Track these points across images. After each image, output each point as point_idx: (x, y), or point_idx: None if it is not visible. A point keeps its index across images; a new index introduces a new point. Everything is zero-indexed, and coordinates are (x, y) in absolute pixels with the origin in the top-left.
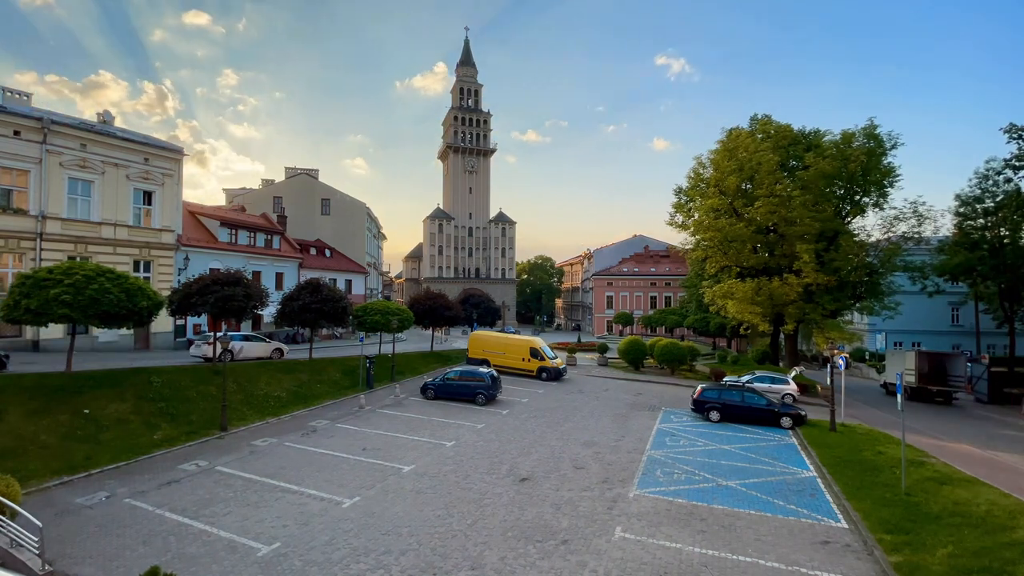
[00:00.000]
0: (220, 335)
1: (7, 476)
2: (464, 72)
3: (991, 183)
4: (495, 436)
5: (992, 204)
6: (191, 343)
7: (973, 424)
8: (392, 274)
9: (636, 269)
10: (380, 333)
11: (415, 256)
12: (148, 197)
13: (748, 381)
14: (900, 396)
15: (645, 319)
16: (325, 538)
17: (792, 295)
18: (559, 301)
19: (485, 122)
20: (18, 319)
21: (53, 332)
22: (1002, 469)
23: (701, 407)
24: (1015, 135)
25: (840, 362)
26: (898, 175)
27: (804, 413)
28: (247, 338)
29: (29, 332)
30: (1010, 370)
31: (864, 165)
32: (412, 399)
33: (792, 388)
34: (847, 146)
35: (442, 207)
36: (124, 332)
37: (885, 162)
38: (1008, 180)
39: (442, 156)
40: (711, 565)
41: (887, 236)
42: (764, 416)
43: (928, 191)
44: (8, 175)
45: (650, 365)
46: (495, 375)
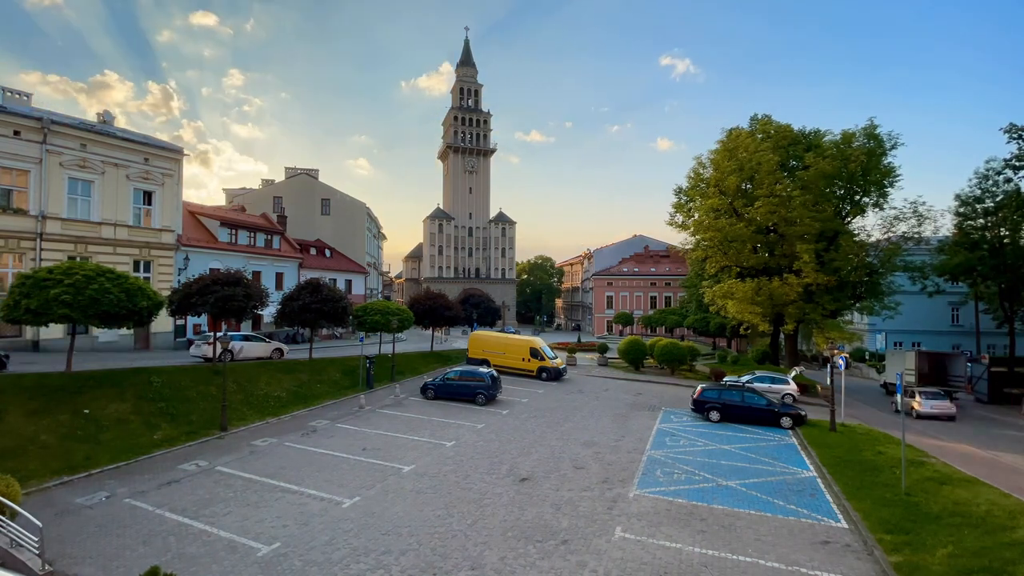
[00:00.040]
0: (220, 335)
1: (7, 476)
2: (464, 72)
3: (991, 183)
4: (495, 436)
5: (992, 204)
6: (191, 343)
7: (973, 424)
8: (392, 274)
9: (636, 269)
10: (380, 333)
11: (415, 256)
12: (148, 197)
13: (748, 381)
14: (900, 396)
15: (645, 319)
16: (325, 538)
17: (792, 295)
18: (559, 301)
19: (485, 122)
20: (18, 319)
21: (53, 332)
22: (1002, 469)
23: (701, 407)
24: (1015, 135)
25: (840, 362)
26: (898, 175)
27: (804, 413)
28: (247, 338)
29: (29, 332)
30: (1010, 370)
31: (864, 165)
32: (412, 399)
33: (792, 388)
34: (847, 146)
35: (442, 207)
36: (124, 332)
37: (885, 162)
38: (1008, 180)
39: (442, 156)
40: (711, 565)
41: (887, 236)
42: (764, 416)
43: (928, 191)
44: (8, 175)
45: (650, 365)
46: (495, 375)
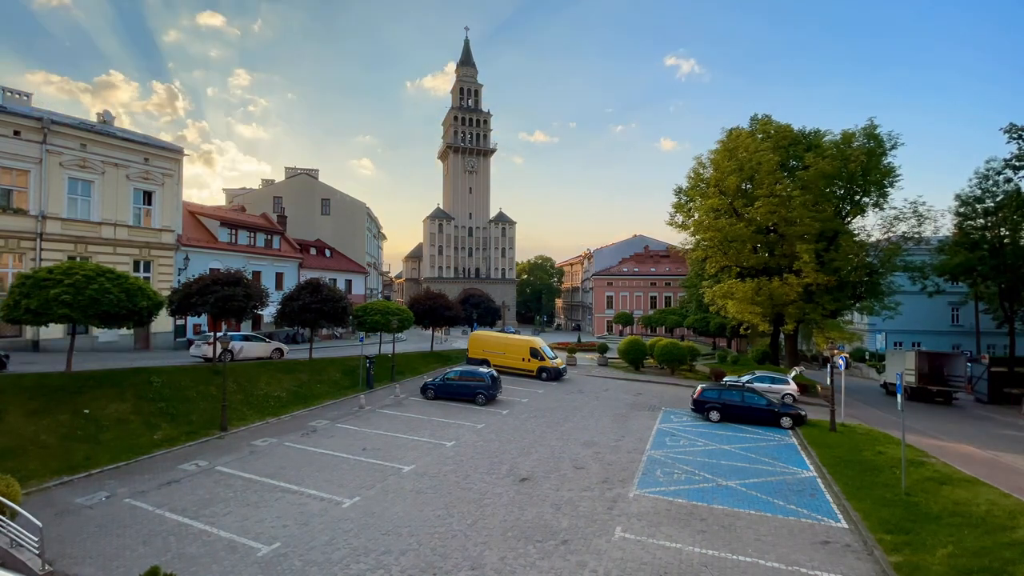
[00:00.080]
0: (220, 335)
1: (7, 476)
2: (464, 72)
3: (991, 183)
4: (495, 436)
5: (992, 204)
6: (191, 343)
7: (973, 424)
8: (392, 274)
9: (636, 269)
10: (380, 333)
11: (415, 256)
12: (148, 197)
13: (748, 381)
14: (900, 396)
15: (645, 319)
16: (325, 538)
17: (792, 295)
18: (559, 301)
19: (485, 122)
20: (18, 319)
21: (53, 332)
22: (1002, 469)
23: (701, 407)
24: (1015, 135)
25: (840, 362)
26: (898, 175)
27: (804, 413)
28: (247, 338)
29: (29, 332)
30: (1010, 370)
31: (864, 165)
32: (412, 399)
33: (792, 388)
34: (847, 146)
35: (442, 207)
36: (124, 332)
37: (885, 162)
38: (1008, 180)
39: (442, 156)
40: (711, 565)
41: (887, 236)
42: (764, 416)
43: (928, 191)
44: (8, 175)
45: (650, 365)
46: (495, 375)
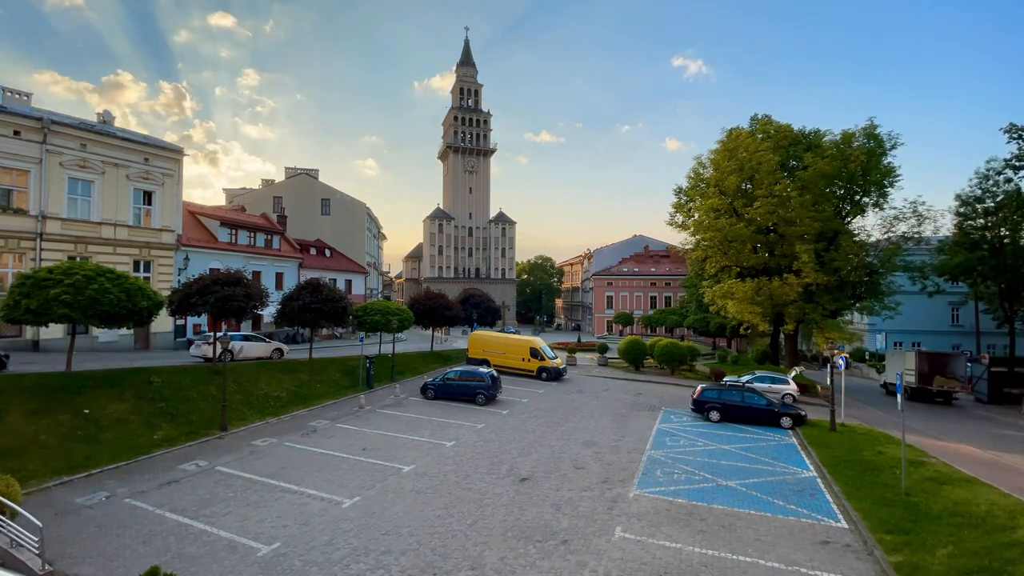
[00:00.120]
0: (220, 335)
1: (7, 476)
2: (464, 72)
3: (991, 183)
4: (495, 436)
5: (992, 204)
6: (191, 343)
7: (973, 424)
8: (392, 274)
9: (636, 269)
10: (380, 333)
11: (415, 256)
12: (148, 197)
13: (748, 381)
14: (900, 396)
15: (645, 319)
16: (325, 538)
17: (792, 295)
18: (559, 301)
19: (485, 122)
20: (18, 319)
21: (53, 332)
22: (1002, 469)
23: (701, 407)
24: (1015, 135)
25: (840, 362)
26: (898, 175)
27: (804, 413)
28: (247, 338)
29: (29, 332)
30: (1010, 370)
31: (864, 165)
32: (412, 399)
33: (792, 388)
34: (847, 146)
35: (442, 207)
36: (124, 332)
37: (885, 162)
38: (1008, 180)
39: (442, 156)
40: (711, 565)
41: (887, 236)
42: (764, 416)
43: (928, 191)
44: (8, 175)
45: (650, 365)
46: (495, 375)
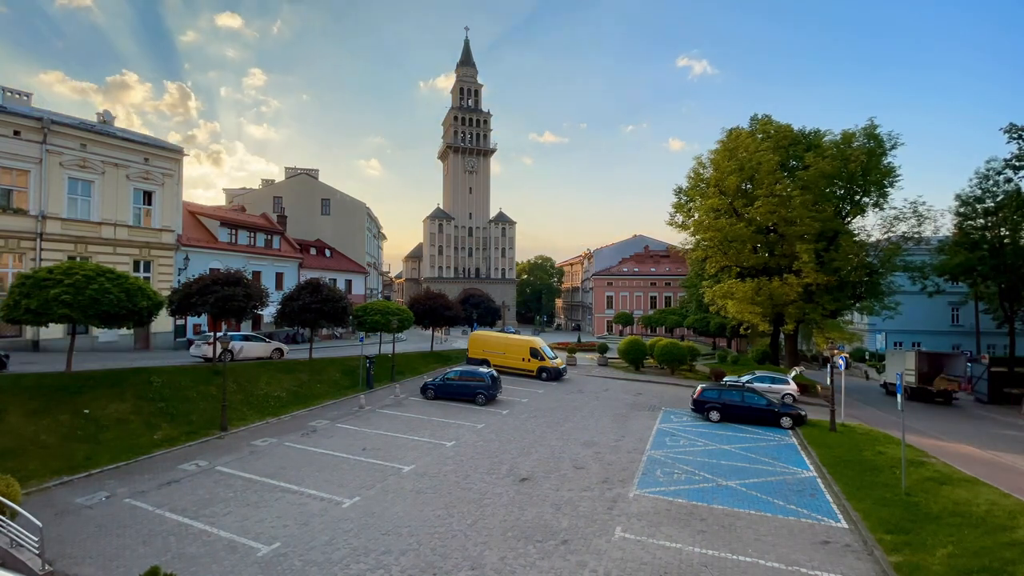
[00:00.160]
0: (220, 335)
1: (7, 476)
2: (464, 72)
3: (991, 183)
4: (495, 436)
5: (992, 204)
6: (191, 343)
7: (973, 424)
8: (392, 274)
9: (636, 269)
10: (380, 333)
11: (415, 256)
12: (148, 197)
13: (748, 381)
14: (900, 396)
15: (645, 319)
16: (325, 538)
17: (792, 295)
18: (559, 301)
19: (485, 122)
20: (18, 319)
21: (53, 332)
22: (1002, 469)
23: (701, 407)
24: (1015, 135)
25: (840, 362)
26: (898, 175)
27: (804, 413)
28: (247, 338)
29: (29, 332)
30: (1010, 370)
31: (864, 165)
32: (412, 399)
33: (792, 388)
34: (847, 146)
35: (442, 207)
36: (124, 332)
37: (885, 162)
38: (1008, 180)
39: (442, 156)
40: (711, 565)
41: (887, 236)
42: (764, 416)
43: (928, 191)
44: (8, 175)
45: (650, 365)
46: (495, 375)
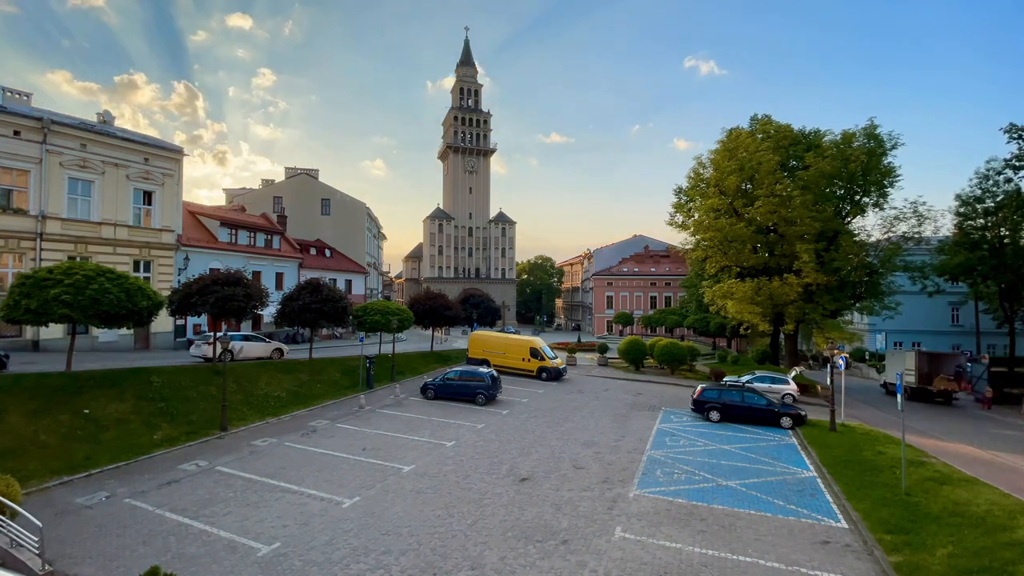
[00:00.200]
0: (220, 335)
1: (7, 476)
2: (464, 72)
3: (991, 183)
4: (495, 436)
5: (992, 204)
6: (191, 343)
7: (973, 424)
8: (392, 274)
9: (636, 269)
10: (380, 333)
11: (415, 256)
12: (148, 197)
13: (748, 381)
14: (900, 396)
15: (645, 319)
16: (325, 538)
17: (792, 295)
18: (559, 301)
19: (485, 122)
20: (18, 319)
21: (53, 332)
22: (1002, 469)
23: (701, 407)
24: (1015, 135)
25: (840, 362)
26: (898, 175)
27: (804, 413)
28: (247, 338)
29: (29, 332)
30: (1010, 370)
31: (864, 165)
32: (412, 399)
33: (792, 388)
34: (847, 146)
35: (442, 207)
36: (124, 332)
37: (885, 162)
38: (1008, 180)
39: (442, 156)
40: (711, 565)
41: (887, 236)
42: (764, 416)
43: (928, 191)
44: (8, 175)
45: (650, 365)
46: (495, 375)
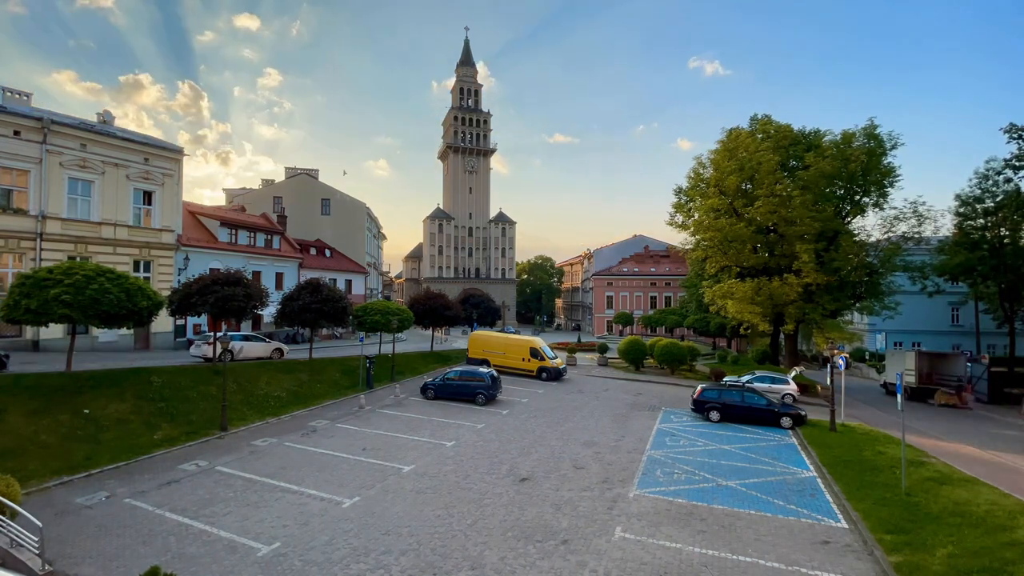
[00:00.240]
0: (220, 335)
1: (7, 476)
2: (464, 72)
3: (991, 183)
4: (495, 436)
5: (992, 204)
6: (191, 343)
7: (973, 424)
8: (392, 274)
9: (636, 269)
10: (380, 333)
11: (415, 256)
12: (148, 197)
13: (748, 381)
14: (900, 396)
15: (645, 319)
16: (325, 538)
17: (792, 295)
18: (559, 301)
19: (485, 122)
20: (18, 319)
21: (53, 332)
22: (1002, 469)
23: (701, 407)
24: (1015, 135)
25: (840, 362)
26: (898, 175)
27: (804, 413)
28: (247, 338)
29: (29, 332)
30: (1010, 370)
31: (864, 165)
32: (412, 399)
33: (792, 388)
34: (847, 146)
35: (442, 207)
36: (124, 332)
37: (885, 162)
38: (1008, 180)
39: (442, 156)
40: (711, 565)
41: (887, 236)
42: (764, 416)
43: (928, 191)
44: (8, 175)
45: (650, 365)
46: (495, 375)
